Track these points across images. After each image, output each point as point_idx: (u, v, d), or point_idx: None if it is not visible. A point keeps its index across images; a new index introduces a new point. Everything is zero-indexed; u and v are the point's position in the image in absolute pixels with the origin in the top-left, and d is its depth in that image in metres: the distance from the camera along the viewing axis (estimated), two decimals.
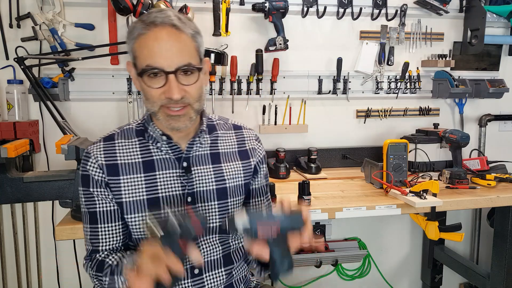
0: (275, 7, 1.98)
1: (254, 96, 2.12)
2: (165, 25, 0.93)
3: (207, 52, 1.64)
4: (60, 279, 2.08)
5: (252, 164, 1.16)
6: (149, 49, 0.93)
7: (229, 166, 1.11)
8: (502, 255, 1.92)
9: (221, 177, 1.09)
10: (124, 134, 1.08)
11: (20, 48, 1.84)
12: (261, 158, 1.19)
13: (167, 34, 0.93)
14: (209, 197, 1.07)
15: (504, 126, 2.51)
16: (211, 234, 1.09)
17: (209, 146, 1.11)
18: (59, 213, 2.00)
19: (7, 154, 1.44)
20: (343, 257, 2.21)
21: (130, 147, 1.05)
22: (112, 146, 1.05)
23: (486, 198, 1.73)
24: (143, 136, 1.07)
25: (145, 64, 0.93)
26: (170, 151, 1.06)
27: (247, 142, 1.18)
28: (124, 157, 1.04)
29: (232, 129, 1.18)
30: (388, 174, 1.77)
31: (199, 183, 1.07)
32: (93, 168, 1.02)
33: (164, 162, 1.05)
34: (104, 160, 1.03)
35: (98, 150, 1.04)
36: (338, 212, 1.58)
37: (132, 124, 1.11)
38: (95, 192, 1.03)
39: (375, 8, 2.19)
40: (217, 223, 1.09)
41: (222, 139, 1.14)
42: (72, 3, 1.91)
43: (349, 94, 2.25)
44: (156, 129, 1.05)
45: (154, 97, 0.96)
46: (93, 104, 2.00)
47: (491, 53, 2.42)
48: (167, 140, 1.05)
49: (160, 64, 0.92)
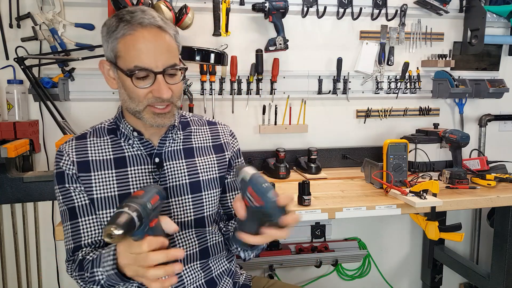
0: (275, 7, 1.98)
1: (254, 96, 2.12)
2: (152, 26, 0.95)
3: (207, 52, 1.64)
4: (60, 279, 2.08)
5: (226, 157, 1.18)
6: (137, 50, 0.94)
7: (203, 160, 1.13)
8: (502, 255, 1.92)
9: (194, 171, 1.11)
10: (96, 132, 1.10)
11: (20, 48, 1.84)
12: (235, 152, 1.21)
13: (154, 35, 0.95)
14: (182, 191, 1.08)
15: (504, 126, 2.51)
16: (187, 228, 1.09)
17: (182, 141, 1.13)
18: (59, 213, 2.00)
19: (7, 154, 1.45)
20: (343, 257, 2.21)
21: (102, 144, 1.07)
22: (84, 144, 1.07)
23: (486, 198, 1.73)
24: (115, 134, 1.09)
25: (132, 65, 0.94)
26: (142, 147, 1.07)
27: (222, 137, 1.20)
28: (95, 154, 1.06)
29: (206, 124, 1.20)
30: (388, 174, 1.77)
31: (171, 178, 1.08)
32: (66, 164, 1.04)
33: (135, 158, 1.06)
34: (76, 158, 1.04)
35: (70, 148, 1.06)
36: (338, 212, 1.58)
37: (104, 123, 1.12)
38: (71, 188, 1.04)
39: (375, 8, 2.19)
40: (192, 217, 1.09)
41: (196, 134, 1.16)
42: (72, 3, 1.91)
43: (349, 94, 2.25)
44: (127, 126, 1.07)
45: (141, 97, 0.97)
46: (93, 104, 2.00)
47: (491, 53, 2.42)
48: (138, 136, 1.06)
49: (149, 64, 0.94)
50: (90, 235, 1.05)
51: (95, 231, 1.05)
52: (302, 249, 2.22)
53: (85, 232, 1.04)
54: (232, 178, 1.20)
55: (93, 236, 1.05)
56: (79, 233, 1.04)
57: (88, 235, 1.04)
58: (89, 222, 1.05)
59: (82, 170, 1.03)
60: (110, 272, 0.89)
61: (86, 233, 1.04)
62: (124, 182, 1.04)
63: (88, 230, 1.05)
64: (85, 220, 1.05)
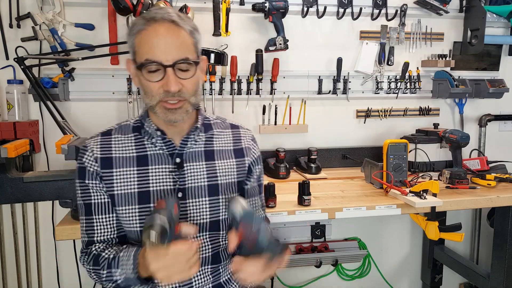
0: (275, 7, 1.98)
1: (254, 96, 2.12)
2: (165, 21, 0.96)
3: (207, 52, 1.64)
4: (60, 279, 2.08)
5: (246, 163, 1.17)
6: (149, 43, 0.96)
7: (222, 163, 1.13)
8: (502, 255, 1.92)
9: (213, 174, 1.11)
10: (122, 129, 1.11)
11: (20, 48, 1.84)
12: (256, 158, 1.20)
13: (166, 29, 0.96)
14: (200, 193, 1.09)
15: (504, 126, 2.51)
16: (202, 231, 1.10)
17: (204, 143, 1.13)
18: (59, 213, 2.00)
19: (7, 154, 1.44)
20: (343, 257, 2.21)
21: (126, 142, 1.08)
22: (108, 141, 1.08)
23: (486, 198, 1.73)
24: (139, 132, 1.10)
25: (144, 58, 0.96)
26: (164, 146, 1.08)
27: (243, 141, 1.19)
28: (119, 151, 1.07)
29: (229, 128, 1.20)
30: (388, 174, 1.77)
31: (190, 179, 1.08)
32: (89, 161, 1.06)
33: (157, 157, 1.07)
34: (100, 154, 1.06)
35: (94, 144, 1.08)
36: (338, 212, 1.58)
37: (130, 121, 1.14)
38: (90, 184, 1.06)
39: (375, 8, 2.19)
40: (207, 220, 1.09)
41: (218, 137, 1.16)
42: (72, 3, 1.91)
43: (349, 94, 2.25)
44: (151, 124, 1.07)
45: (153, 91, 0.99)
46: (93, 104, 2.00)
47: (491, 53, 2.42)
48: (161, 135, 1.07)
49: (159, 58, 0.95)
50: (102, 233, 1.08)
51: (108, 230, 1.08)
52: (302, 249, 2.22)
53: (98, 230, 1.07)
54: (251, 185, 1.20)
55: (105, 235, 1.08)
56: (92, 229, 1.07)
57: (101, 233, 1.07)
58: (103, 221, 1.07)
59: (105, 166, 1.05)
60: (130, 276, 0.96)
61: (99, 230, 1.07)
62: (145, 180, 1.05)
63: (101, 228, 1.07)
64: (100, 218, 1.07)
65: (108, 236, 1.08)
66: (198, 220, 1.08)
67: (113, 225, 1.08)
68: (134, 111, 2.02)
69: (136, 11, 1.79)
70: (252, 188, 1.21)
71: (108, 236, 1.08)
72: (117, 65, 1.99)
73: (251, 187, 1.20)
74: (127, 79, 1.99)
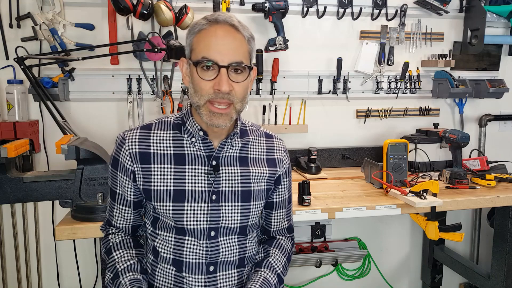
0: (275, 7, 1.98)
1: (254, 96, 2.12)
2: (226, 23, 1.00)
3: None
4: (60, 279, 2.08)
5: (277, 173, 1.19)
6: (207, 42, 0.99)
7: (256, 170, 1.14)
8: (502, 255, 1.92)
9: (247, 180, 1.12)
10: (162, 125, 1.12)
11: (20, 48, 1.84)
12: (286, 169, 1.21)
13: (226, 31, 1.00)
14: (234, 198, 1.10)
15: (504, 126, 2.51)
16: (231, 234, 1.11)
17: (239, 149, 1.14)
18: (59, 213, 2.00)
19: (7, 154, 1.44)
20: (343, 257, 2.21)
21: (164, 138, 1.10)
22: (147, 135, 1.09)
23: (486, 198, 1.73)
24: (179, 130, 1.11)
25: (201, 56, 0.99)
26: (202, 147, 1.09)
27: (276, 151, 1.20)
28: (157, 147, 1.08)
29: (264, 136, 1.21)
30: (388, 174, 1.77)
31: (225, 183, 1.10)
32: (125, 156, 1.08)
33: (194, 158, 1.09)
34: (138, 148, 1.07)
35: (133, 137, 1.09)
36: (338, 212, 1.58)
37: (170, 117, 1.15)
38: (119, 177, 1.10)
39: (375, 8, 2.19)
40: (238, 225, 1.11)
41: (253, 145, 1.17)
42: (72, 3, 1.91)
43: (349, 94, 2.25)
44: (195, 124, 1.08)
45: (203, 90, 1.00)
46: (93, 104, 2.00)
47: (491, 53, 2.42)
48: (203, 136, 1.08)
49: (215, 57, 0.98)
50: (119, 220, 1.16)
51: (124, 219, 1.15)
52: (302, 249, 2.22)
53: (116, 216, 1.16)
54: (280, 198, 1.22)
55: (121, 223, 1.16)
56: (112, 213, 1.17)
57: (118, 219, 1.16)
58: (122, 211, 1.14)
59: (144, 161, 1.07)
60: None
61: (116, 217, 1.16)
62: (181, 178, 1.07)
63: (119, 216, 1.15)
64: (120, 207, 1.14)
65: (123, 225, 1.16)
66: (228, 224, 1.10)
67: (130, 217, 1.15)
68: (134, 111, 2.02)
69: (136, 11, 1.79)
70: (282, 201, 1.23)
71: (123, 224, 1.16)
72: (117, 65, 1.99)
73: (281, 200, 1.23)
74: (127, 79, 1.99)
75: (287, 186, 1.24)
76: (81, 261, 2.05)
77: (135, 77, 2.00)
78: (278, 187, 1.20)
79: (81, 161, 1.48)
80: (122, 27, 1.96)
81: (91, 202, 1.48)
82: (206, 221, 1.07)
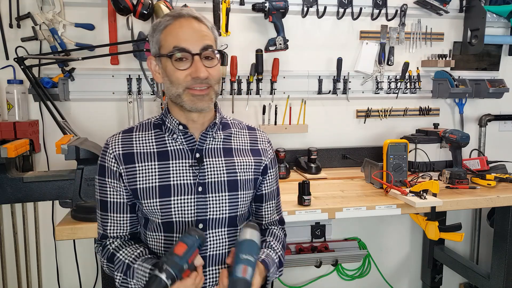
0: (275, 7, 1.98)
1: (254, 96, 2.12)
2: (190, 16, 1.05)
3: None
4: (60, 279, 2.08)
5: (263, 163, 1.19)
6: (175, 34, 1.03)
7: (241, 160, 1.15)
8: (502, 255, 1.92)
9: (232, 170, 1.13)
10: (143, 127, 1.15)
11: (20, 48, 1.84)
12: (271, 159, 1.23)
13: (191, 22, 1.04)
14: (220, 188, 1.10)
15: (504, 126, 2.51)
16: (220, 227, 1.11)
17: (222, 141, 1.15)
18: (59, 213, 2.00)
19: (7, 154, 1.45)
20: (343, 257, 2.21)
21: (147, 138, 1.12)
22: (129, 138, 1.12)
23: (486, 198, 1.73)
24: (160, 128, 1.13)
25: (171, 46, 1.02)
26: (184, 142, 1.10)
27: (260, 142, 1.22)
28: (140, 147, 1.10)
29: (246, 129, 1.22)
30: (388, 174, 1.77)
31: (210, 174, 1.10)
32: (110, 160, 1.09)
33: (178, 152, 1.10)
34: (121, 150, 1.09)
35: (116, 141, 1.11)
36: (338, 212, 1.58)
37: (151, 119, 1.17)
38: (109, 183, 1.10)
39: (375, 8, 2.19)
40: (226, 215, 1.11)
41: (236, 137, 1.18)
42: (72, 3, 1.91)
43: (349, 94, 2.25)
44: (173, 120, 1.10)
45: (180, 79, 1.03)
46: (93, 104, 2.00)
47: (491, 53, 2.42)
48: (183, 129, 1.09)
49: (186, 45, 1.01)
50: (116, 230, 1.12)
51: (121, 227, 1.12)
52: (302, 249, 2.22)
53: (111, 227, 1.12)
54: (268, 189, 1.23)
55: (118, 232, 1.13)
56: (106, 225, 1.12)
57: (114, 230, 1.12)
58: (117, 219, 1.12)
59: (128, 161, 1.08)
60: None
61: (111, 227, 1.12)
62: (165, 174, 1.08)
63: (115, 225, 1.12)
64: (114, 216, 1.11)
65: (121, 233, 1.13)
66: (217, 215, 1.10)
67: (126, 224, 1.13)
68: (134, 111, 2.02)
69: (136, 11, 1.79)
70: (270, 192, 1.24)
71: (121, 233, 1.13)
72: (117, 65, 1.99)
73: (269, 191, 1.23)
74: (127, 79, 1.99)
75: (274, 176, 1.25)
76: (81, 261, 2.05)
77: (135, 77, 2.00)
78: (266, 177, 1.21)
79: (81, 161, 1.48)
80: (122, 27, 1.96)
81: (91, 202, 1.48)
82: (193, 213, 1.07)
